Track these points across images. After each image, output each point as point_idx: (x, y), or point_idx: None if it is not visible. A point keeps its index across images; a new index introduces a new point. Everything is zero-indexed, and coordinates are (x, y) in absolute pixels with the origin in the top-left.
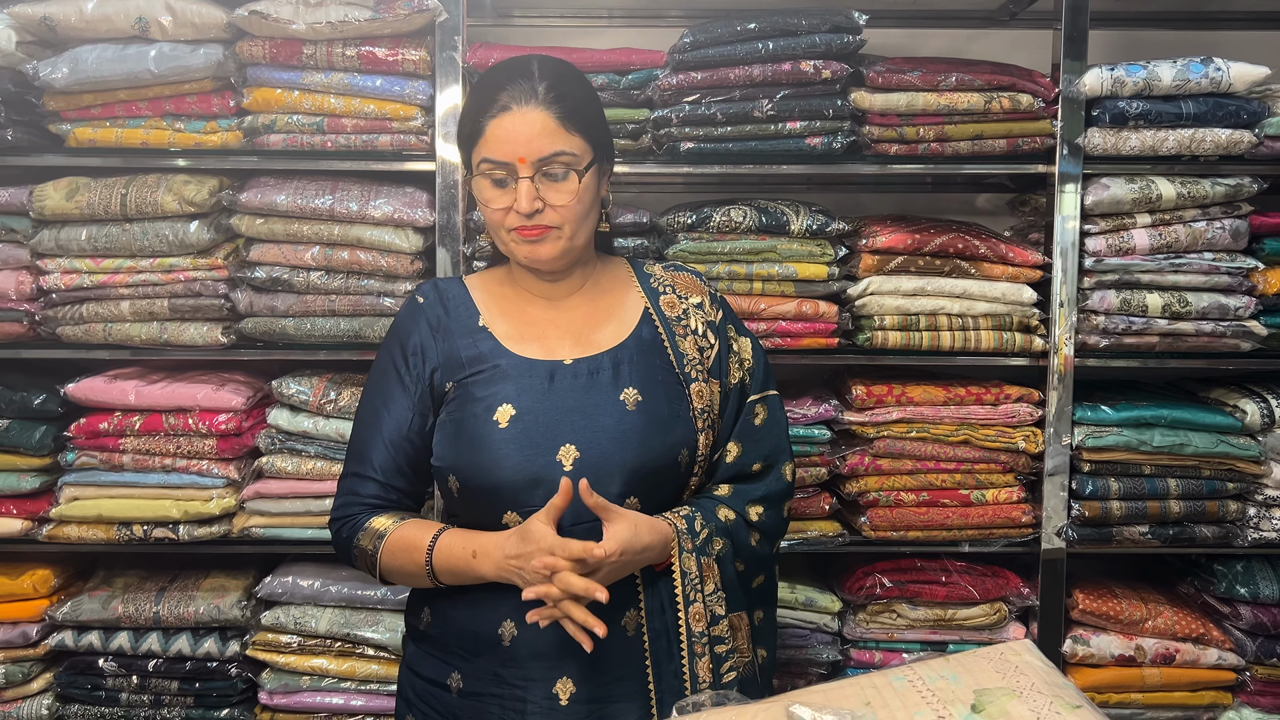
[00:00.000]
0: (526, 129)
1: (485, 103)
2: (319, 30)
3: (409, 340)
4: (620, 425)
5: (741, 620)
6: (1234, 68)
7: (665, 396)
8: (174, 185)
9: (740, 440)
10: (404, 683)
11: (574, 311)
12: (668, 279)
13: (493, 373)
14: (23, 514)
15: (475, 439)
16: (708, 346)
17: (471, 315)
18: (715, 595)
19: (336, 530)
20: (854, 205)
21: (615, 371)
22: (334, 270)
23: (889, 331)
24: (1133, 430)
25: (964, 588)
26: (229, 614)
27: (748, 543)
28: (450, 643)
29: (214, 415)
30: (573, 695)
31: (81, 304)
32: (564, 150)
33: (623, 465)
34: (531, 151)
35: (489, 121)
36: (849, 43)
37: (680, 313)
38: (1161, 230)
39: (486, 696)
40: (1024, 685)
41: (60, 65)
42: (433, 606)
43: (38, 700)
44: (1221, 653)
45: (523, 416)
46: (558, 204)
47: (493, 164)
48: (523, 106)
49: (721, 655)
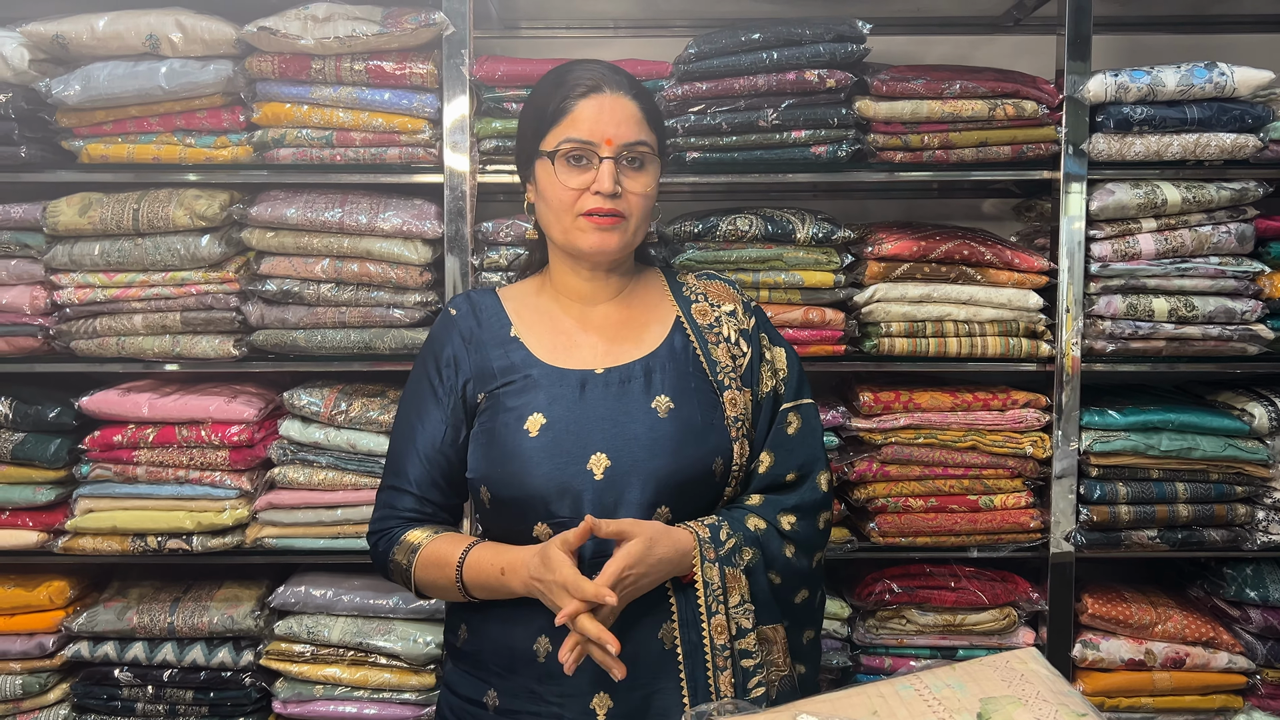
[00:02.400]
0: (617, 112)
1: (571, 84)
2: (327, 45)
3: (442, 353)
4: (652, 433)
5: (777, 633)
6: (1238, 72)
7: (698, 404)
8: (185, 200)
9: (773, 450)
10: (442, 702)
11: (607, 319)
12: (700, 287)
13: (524, 383)
14: (39, 526)
15: (506, 449)
16: (740, 354)
17: (503, 326)
18: (741, 608)
19: (374, 544)
20: (859, 213)
21: (647, 380)
22: (344, 282)
23: (896, 338)
24: (1140, 434)
25: (973, 593)
26: (242, 624)
27: (781, 554)
28: (486, 660)
29: (226, 427)
30: (609, 710)
31: (95, 318)
32: (647, 141)
33: (655, 474)
34: (621, 134)
35: (577, 101)
36: (853, 51)
37: (712, 320)
38: (1167, 235)
39: (523, 714)
40: (1029, 693)
41: (72, 82)
42: (469, 623)
43: (55, 711)
44: (1232, 656)
45: (553, 425)
46: (634, 191)
47: (577, 142)
48: (615, 92)
49: (749, 669)
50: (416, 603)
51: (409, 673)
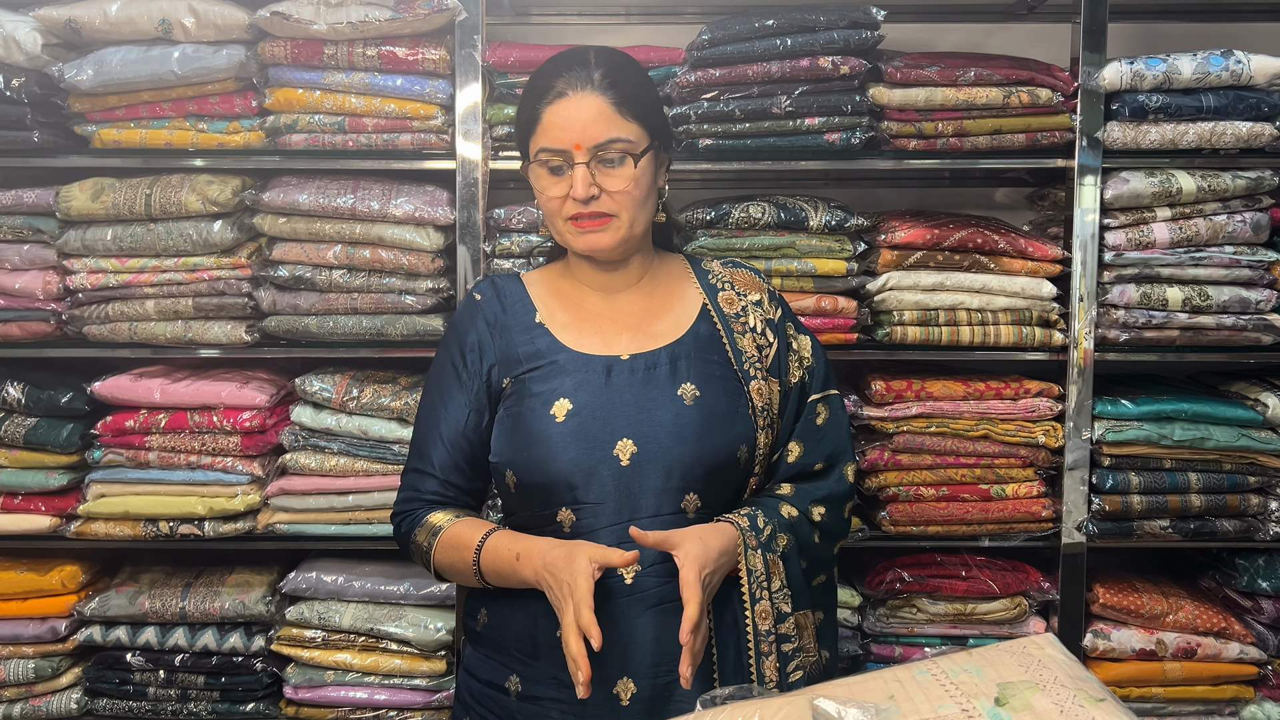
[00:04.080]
0: (582, 114)
1: (541, 90)
2: (340, 30)
3: (467, 338)
4: (678, 420)
5: (807, 619)
6: (1255, 60)
7: (724, 392)
8: (198, 185)
9: (802, 440)
10: (461, 685)
11: (631, 306)
12: (726, 275)
13: (550, 368)
14: (51, 511)
15: (532, 434)
16: (767, 345)
17: (528, 311)
18: (781, 593)
19: (397, 524)
20: (872, 200)
21: (673, 367)
22: (356, 269)
23: (908, 327)
24: (1153, 424)
25: (984, 582)
26: (254, 609)
27: (811, 540)
28: (508, 645)
29: (238, 413)
30: (634, 695)
31: (107, 303)
32: (620, 136)
33: (681, 460)
34: (587, 138)
35: (545, 109)
36: (867, 38)
37: (739, 310)
38: (1181, 224)
39: (546, 700)
40: (1047, 678)
41: (85, 67)
42: (489, 608)
43: (67, 694)
44: (1243, 646)
45: (580, 411)
46: (614, 190)
47: (550, 152)
48: (579, 92)
49: (788, 654)
50: (428, 589)
51: (420, 659)
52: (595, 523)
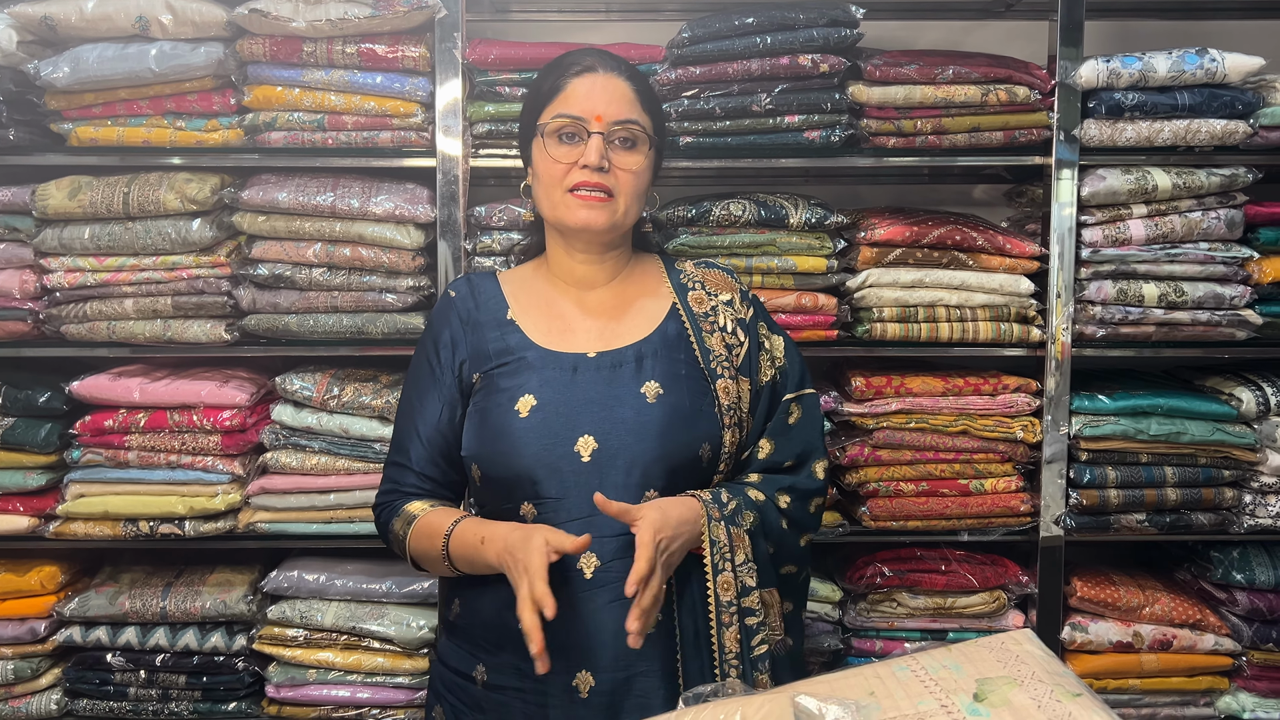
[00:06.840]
0: (608, 91)
1: (567, 65)
2: (319, 28)
3: (441, 335)
4: (639, 417)
5: (774, 598)
6: (1229, 58)
7: (688, 391)
8: (176, 183)
9: (773, 438)
10: (434, 674)
11: (602, 305)
12: (698, 275)
13: (518, 364)
14: (29, 511)
15: (497, 428)
16: (737, 344)
17: (501, 309)
18: (746, 566)
19: (378, 515)
20: (852, 198)
21: (638, 365)
22: (336, 267)
23: (888, 323)
24: (1130, 419)
25: (964, 576)
26: (235, 608)
27: (778, 525)
28: (477, 635)
29: (218, 412)
30: (592, 688)
31: (85, 302)
32: (638, 121)
33: (642, 457)
34: (611, 112)
35: (571, 79)
36: (846, 36)
37: (709, 309)
38: (1157, 221)
39: (509, 690)
40: (1025, 674)
41: (61, 64)
42: (461, 598)
43: (47, 695)
44: (1218, 638)
45: (543, 407)
46: (624, 168)
47: (569, 118)
48: (607, 73)
49: (752, 628)
50: (410, 587)
51: (402, 656)
52: (556, 517)
